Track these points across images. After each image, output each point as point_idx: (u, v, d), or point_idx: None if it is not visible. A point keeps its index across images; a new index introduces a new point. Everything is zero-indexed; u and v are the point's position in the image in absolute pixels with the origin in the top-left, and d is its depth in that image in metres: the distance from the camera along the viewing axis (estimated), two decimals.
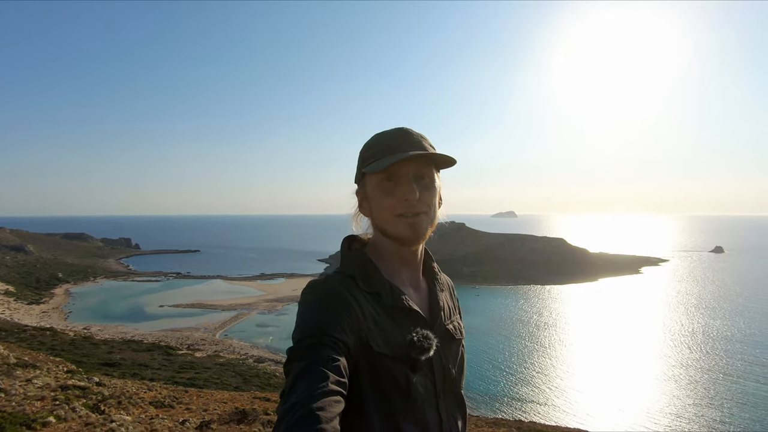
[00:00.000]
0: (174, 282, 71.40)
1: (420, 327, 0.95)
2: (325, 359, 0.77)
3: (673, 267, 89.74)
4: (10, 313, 45.45)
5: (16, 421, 5.07)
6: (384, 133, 1.00)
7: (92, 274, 73.49)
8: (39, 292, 57.20)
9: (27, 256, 71.91)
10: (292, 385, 0.74)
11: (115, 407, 7.24)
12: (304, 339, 0.80)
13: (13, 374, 8.24)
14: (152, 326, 43.79)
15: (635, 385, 30.52)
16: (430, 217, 0.99)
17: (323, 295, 0.88)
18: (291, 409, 0.69)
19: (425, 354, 0.91)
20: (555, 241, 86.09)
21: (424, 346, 0.91)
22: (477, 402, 28.18)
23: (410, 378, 0.90)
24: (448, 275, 1.26)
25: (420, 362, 0.91)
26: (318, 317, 0.84)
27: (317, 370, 0.75)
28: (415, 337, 0.91)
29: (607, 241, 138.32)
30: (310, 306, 0.87)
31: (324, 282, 0.92)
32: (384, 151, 0.96)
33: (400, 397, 0.88)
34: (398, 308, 0.95)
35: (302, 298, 0.90)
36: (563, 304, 57.95)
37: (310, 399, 0.70)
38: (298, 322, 0.85)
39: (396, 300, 0.95)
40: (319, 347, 0.78)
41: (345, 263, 0.99)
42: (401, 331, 0.93)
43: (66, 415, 5.80)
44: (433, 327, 0.99)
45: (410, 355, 0.90)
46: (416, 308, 0.98)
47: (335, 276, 0.95)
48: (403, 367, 0.89)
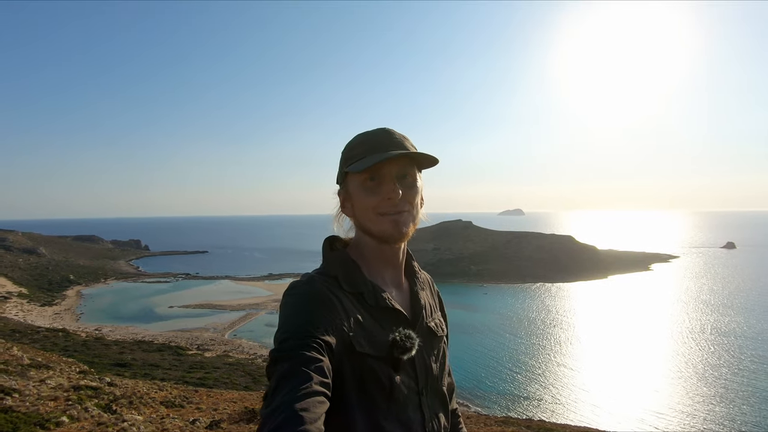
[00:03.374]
0: (183, 283, 72.04)
1: (402, 326, 0.95)
2: (309, 360, 0.76)
3: (684, 263, 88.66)
4: (24, 315, 46.19)
5: (30, 420, 5.17)
6: (366, 133, 1.01)
7: (103, 276, 74.40)
8: (51, 294, 58.05)
9: (39, 259, 72.97)
10: (276, 387, 0.74)
11: (126, 407, 7.34)
12: (288, 340, 0.80)
13: (27, 375, 8.38)
14: (162, 327, 44.23)
15: (645, 383, 30.24)
16: (413, 216, 0.99)
17: (306, 296, 0.88)
18: (275, 411, 0.69)
19: (408, 353, 0.92)
20: (563, 239, 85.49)
21: (407, 346, 0.92)
22: (486, 400, 28.12)
23: (393, 377, 0.90)
24: (455, 274, 1.27)
25: (402, 361, 0.92)
26: (301, 318, 0.84)
27: (301, 372, 0.74)
28: (398, 337, 0.92)
29: (616, 238, 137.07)
30: (293, 307, 0.87)
31: (307, 283, 0.92)
32: (367, 150, 0.97)
33: (384, 396, 0.89)
34: (381, 308, 0.96)
35: (285, 299, 0.90)
36: (572, 301, 57.54)
37: (293, 400, 0.70)
38: (281, 324, 0.85)
39: (378, 300, 0.96)
40: (303, 348, 0.78)
41: (327, 264, 0.99)
42: (384, 330, 0.93)
43: (79, 415, 5.90)
44: (416, 326, 1.00)
45: (393, 355, 0.91)
46: (399, 307, 0.99)
47: (318, 277, 0.94)
48: (386, 366, 0.90)
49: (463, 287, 68.78)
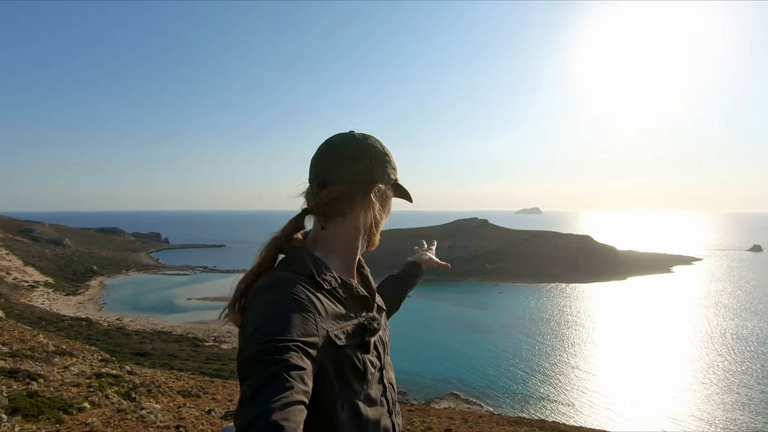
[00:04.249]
0: (201, 276, 73.44)
1: (366, 310, 1.02)
2: (290, 367, 0.75)
3: (708, 266, 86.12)
4: (50, 304, 47.79)
5: (54, 405, 5.37)
6: (385, 146, 1.10)
7: (124, 267, 76.37)
8: (76, 284, 59.89)
9: (65, 250, 75.31)
10: (255, 394, 0.71)
11: (145, 395, 7.56)
12: (269, 343, 0.77)
13: (51, 361, 8.69)
14: (181, 318, 45.21)
15: (663, 389, 29.57)
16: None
17: (285, 297, 0.86)
18: (255, 419, 0.67)
19: (376, 333, 0.98)
20: (581, 238, 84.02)
21: (375, 327, 0.98)
22: (498, 400, 27.94)
23: (365, 360, 0.95)
24: (469, 272, 1.36)
25: (371, 343, 0.97)
26: (283, 320, 0.82)
27: (282, 378, 0.73)
28: (365, 320, 0.97)
29: (637, 239, 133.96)
30: (272, 309, 0.84)
31: (283, 282, 0.90)
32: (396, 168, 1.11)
33: (358, 379, 0.93)
34: (352, 297, 1.00)
35: (262, 299, 0.88)
36: (588, 302, 56.58)
37: (274, 409, 0.68)
38: (258, 325, 0.82)
39: (350, 290, 1.00)
40: (285, 353, 0.76)
41: (295, 262, 0.98)
42: (354, 318, 0.97)
43: (100, 401, 6.10)
44: (373, 307, 1.07)
45: (364, 339, 0.96)
46: (365, 293, 1.05)
47: (291, 276, 0.93)
48: (359, 351, 0.94)
49: (478, 285, 68.29)
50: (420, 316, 46.93)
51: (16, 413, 4.89)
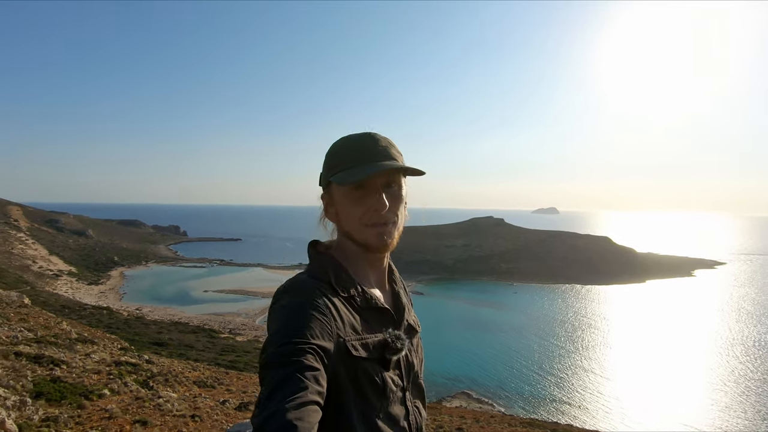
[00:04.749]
0: (218, 269, 74.72)
1: (391, 327, 0.98)
2: (305, 368, 0.76)
3: (731, 271, 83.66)
4: (73, 292, 49.29)
5: (76, 391, 5.54)
6: (351, 138, 0.99)
7: (144, 259, 78.21)
8: (98, 274, 61.60)
9: (88, 240, 77.46)
10: (271, 394, 0.72)
11: (162, 384, 7.74)
12: (285, 345, 0.78)
13: (74, 348, 8.96)
14: (197, 310, 46.11)
15: (680, 395, 28.93)
16: (398, 225, 0.99)
17: (302, 301, 0.87)
18: (269, 418, 0.69)
19: (398, 354, 0.95)
20: (599, 239, 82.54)
21: (398, 347, 0.94)
22: (510, 400, 27.74)
23: (385, 377, 0.92)
24: (484, 271, 1.29)
25: (392, 361, 0.95)
26: (297, 323, 0.82)
27: (296, 379, 0.74)
28: (389, 338, 0.94)
29: (657, 241, 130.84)
30: (289, 312, 0.85)
31: (301, 286, 0.91)
32: (353, 159, 0.95)
33: (376, 395, 0.91)
34: (372, 309, 0.97)
35: (280, 303, 0.89)
36: (606, 305, 55.62)
37: (288, 409, 0.69)
38: (276, 327, 0.83)
39: (368, 301, 0.97)
40: (300, 355, 0.77)
41: (316, 267, 0.98)
42: (374, 331, 0.94)
43: (119, 388, 6.27)
44: (400, 324, 1.02)
45: (384, 356, 0.93)
46: (387, 307, 1.01)
47: (309, 280, 0.93)
48: (378, 366, 0.92)
49: (492, 285, 67.74)
50: (433, 315, 46.84)
51: (40, 397, 5.07)
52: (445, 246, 79.58)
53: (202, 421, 5.60)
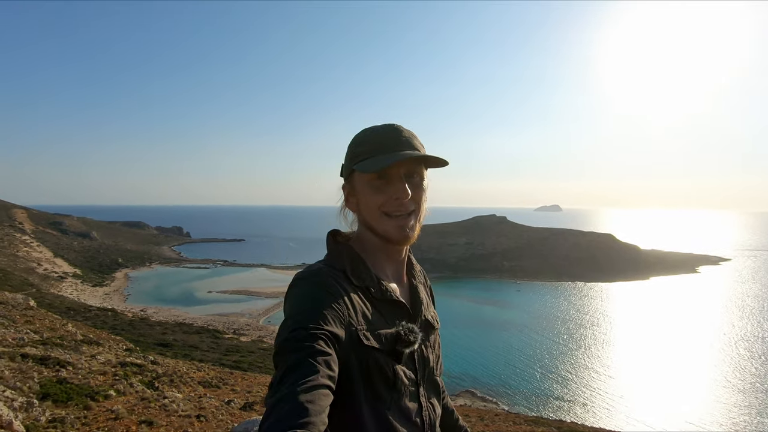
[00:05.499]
0: (221, 269, 74.94)
1: (405, 320, 0.98)
2: (317, 353, 0.77)
3: (736, 267, 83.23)
4: (78, 294, 49.55)
5: (81, 392, 5.58)
6: (375, 129, 1.00)
7: (148, 260, 78.50)
8: (102, 276, 61.90)
9: (92, 242, 77.80)
10: (282, 377, 0.74)
11: (167, 385, 7.78)
12: (298, 330, 0.80)
13: (79, 350, 9.02)
14: (201, 310, 46.29)
15: (685, 392, 28.84)
16: (418, 217, 1.00)
17: (316, 288, 0.89)
18: (281, 400, 0.70)
19: (411, 347, 0.94)
20: (603, 237, 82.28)
21: (410, 340, 0.94)
22: (515, 398, 27.73)
23: (396, 369, 0.93)
24: (487, 269, 1.28)
25: (404, 354, 0.94)
26: (311, 310, 0.84)
27: (308, 363, 0.75)
28: (402, 331, 0.94)
29: (661, 238, 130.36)
30: (303, 298, 0.87)
31: (316, 274, 0.92)
32: (375, 149, 0.96)
33: (387, 387, 0.91)
34: (386, 301, 0.98)
35: (294, 290, 0.90)
36: (609, 302, 55.48)
37: (300, 392, 0.70)
38: (290, 314, 0.85)
39: (384, 293, 0.98)
40: (312, 340, 0.78)
41: (333, 257, 0.99)
42: (388, 324, 0.95)
43: (124, 389, 6.31)
44: (416, 318, 1.03)
45: (396, 348, 0.93)
46: (402, 300, 1.01)
47: (326, 269, 0.94)
48: (390, 359, 0.92)
49: (495, 283, 67.66)
50: (437, 313, 46.83)
51: (47, 399, 5.11)
52: (448, 244, 79.51)
53: (207, 421, 5.63)
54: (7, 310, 12.23)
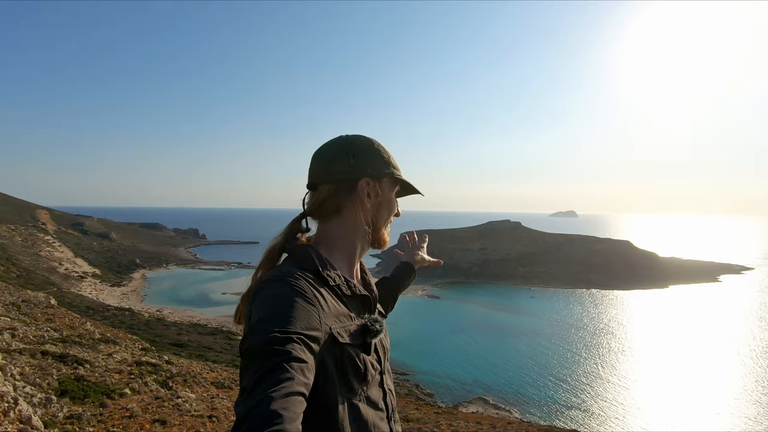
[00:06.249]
0: (236, 271, 75.74)
1: (368, 312, 1.04)
2: (291, 359, 0.76)
3: (760, 276, 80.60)
4: (97, 294, 50.63)
5: (98, 390, 5.70)
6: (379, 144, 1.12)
7: (165, 261, 79.85)
8: (120, 276, 63.16)
9: (111, 243, 79.51)
10: (256, 383, 0.72)
11: (181, 384, 7.89)
12: (271, 334, 0.78)
13: (97, 348, 9.22)
14: (216, 312, 46.79)
15: (705, 404, 28.01)
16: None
17: (291, 290, 0.88)
18: (254, 407, 0.68)
19: (378, 335, 0.99)
20: (620, 243, 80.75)
21: (377, 329, 0.99)
22: (528, 406, 27.30)
23: (366, 361, 0.96)
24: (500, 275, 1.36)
25: (372, 344, 0.98)
26: (287, 312, 0.83)
27: (282, 368, 0.74)
28: (367, 322, 0.99)
29: (682, 245, 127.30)
30: (275, 301, 0.86)
31: (290, 276, 0.92)
32: (398, 169, 1.13)
33: (358, 379, 0.93)
34: (354, 297, 1.02)
35: (267, 291, 0.89)
36: (626, 310, 54.33)
37: (274, 399, 0.69)
38: (263, 316, 0.83)
39: (352, 289, 1.02)
40: (287, 344, 0.77)
41: (301, 258, 1.01)
42: (356, 318, 0.99)
43: (139, 388, 6.42)
44: (374, 309, 1.08)
45: (366, 340, 0.97)
46: (367, 294, 1.06)
47: (296, 271, 0.95)
48: (360, 351, 0.95)
49: (509, 289, 66.92)
50: (450, 319, 46.52)
51: (65, 395, 5.23)
52: (462, 249, 78.97)
53: (219, 421, 5.68)
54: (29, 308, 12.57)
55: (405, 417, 12.32)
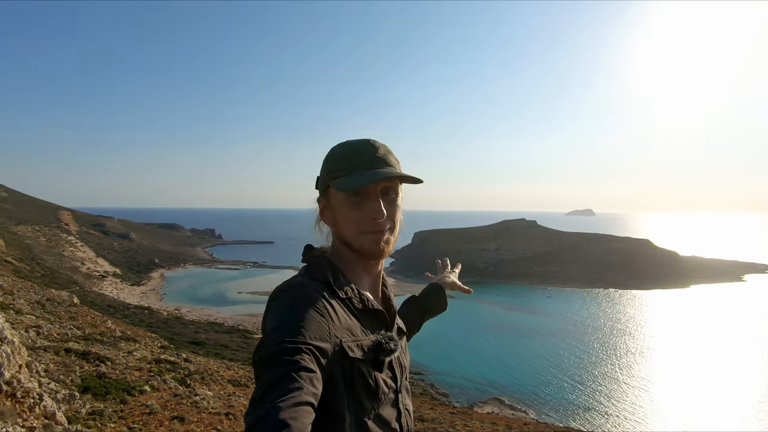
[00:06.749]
0: (252, 271, 76.66)
1: (384, 329, 1.00)
2: (301, 368, 0.75)
3: None
4: (117, 293, 51.83)
5: (119, 387, 5.82)
6: (350, 144, 1.01)
7: (182, 261, 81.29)
8: (139, 275, 64.53)
9: (131, 243, 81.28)
10: (265, 393, 0.72)
11: (199, 382, 8.02)
12: (282, 344, 0.78)
13: (118, 346, 9.44)
14: (232, 311, 47.43)
15: (728, 408, 27.23)
16: (394, 233, 1.01)
17: (302, 300, 0.87)
18: (263, 417, 0.68)
19: (391, 355, 0.95)
20: (639, 242, 79.11)
21: (391, 348, 0.95)
22: (545, 408, 26.96)
23: (378, 378, 0.93)
24: (516, 275, 1.29)
25: (385, 362, 0.95)
26: (295, 323, 0.82)
27: (291, 379, 0.73)
28: (382, 339, 0.95)
29: (702, 244, 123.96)
30: (287, 312, 0.85)
31: (301, 287, 0.91)
32: (351, 165, 0.97)
33: (368, 396, 0.91)
34: (367, 311, 0.98)
35: (279, 301, 0.89)
36: (646, 311, 53.22)
37: (282, 408, 0.69)
38: (275, 325, 0.83)
39: (365, 303, 0.98)
40: (297, 355, 0.77)
41: (313, 269, 0.99)
42: (368, 333, 0.96)
43: (159, 385, 6.55)
44: (392, 327, 1.05)
45: (378, 357, 0.93)
46: (382, 309, 1.02)
47: (308, 282, 0.94)
48: (372, 368, 0.92)
49: (525, 289, 66.18)
50: (465, 319, 46.24)
51: (87, 392, 5.36)
52: (476, 249, 78.39)
53: (236, 419, 5.76)
54: (53, 307, 12.92)
55: (420, 417, 12.30)
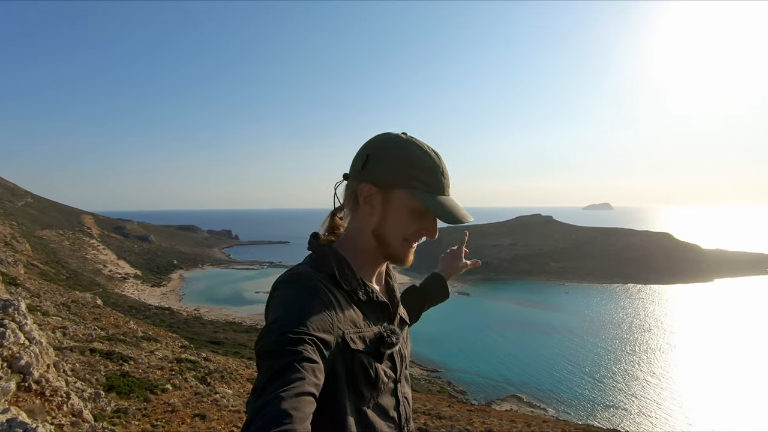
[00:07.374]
0: (268, 270, 77.51)
1: (386, 320, 1.00)
2: (303, 359, 0.76)
3: None
4: (138, 294, 53.03)
5: (142, 385, 5.99)
6: (427, 155, 0.97)
7: (200, 262, 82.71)
8: (159, 276, 65.89)
9: (150, 245, 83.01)
10: (267, 382, 0.72)
11: (218, 381, 8.19)
12: (284, 335, 0.78)
13: (140, 345, 9.68)
14: (250, 310, 48.06)
15: (749, 405, 26.48)
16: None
17: (306, 291, 0.87)
18: (264, 406, 0.68)
19: (392, 348, 0.96)
20: (659, 236, 77.41)
21: (392, 341, 0.95)
22: (564, 405, 26.66)
23: (378, 369, 0.93)
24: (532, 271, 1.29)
25: (386, 354, 0.95)
26: (298, 314, 0.82)
27: (294, 369, 0.74)
28: (384, 332, 0.95)
29: (725, 236, 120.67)
30: (290, 302, 0.85)
31: (305, 277, 0.91)
32: (437, 185, 0.96)
33: (368, 386, 0.91)
34: (371, 303, 0.98)
35: (282, 291, 0.89)
36: (667, 306, 52.07)
37: (284, 398, 0.69)
38: (278, 315, 0.83)
39: (369, 295, 0.98)
40: (299, 345, 0.77)
41: (318, 259, 0.97)
42: (371, 325, 0.96)
43: (180, 384, 6.71)
44: (395, 318, 1.04)
45: (379, 349, 0.94)
46: (386, 301, 1.02)
47: (313, 272, 0.93)
48: (372, 359, 0.93)
49: (541, 285, 65.41)
50: (481, 315, 46.00)
51: (112, 390, 5.53)
52: (491, 245, 77.75)
53: None
54: (78, 308, 13.31)
55: (438, 414, 12.31)
